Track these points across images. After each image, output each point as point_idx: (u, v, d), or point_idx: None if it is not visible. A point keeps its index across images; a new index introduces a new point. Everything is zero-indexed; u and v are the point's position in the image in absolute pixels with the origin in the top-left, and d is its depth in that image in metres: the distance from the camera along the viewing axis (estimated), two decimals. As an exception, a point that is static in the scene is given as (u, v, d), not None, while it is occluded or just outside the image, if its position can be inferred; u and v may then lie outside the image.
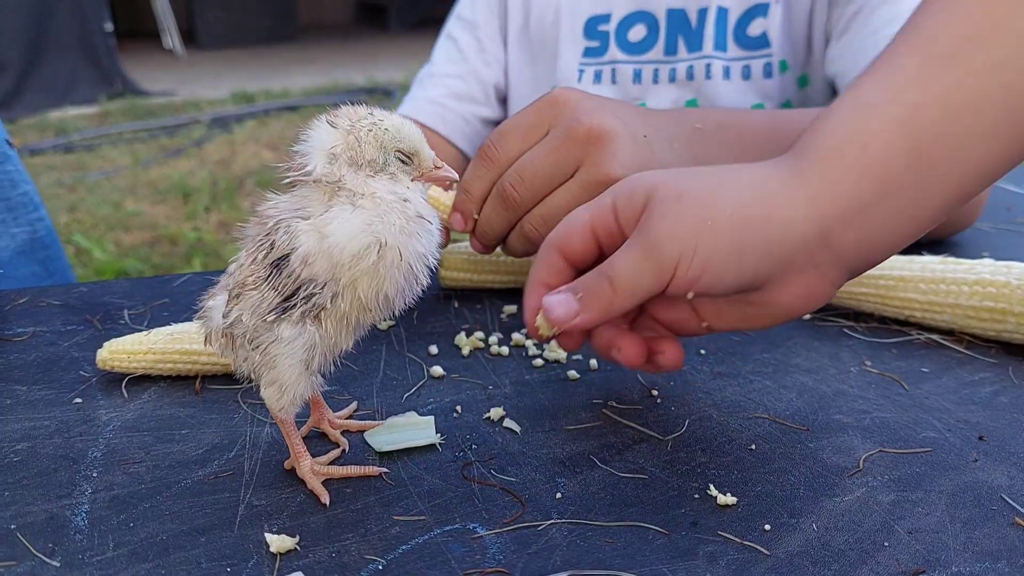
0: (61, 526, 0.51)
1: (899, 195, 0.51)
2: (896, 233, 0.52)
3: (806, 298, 0.53)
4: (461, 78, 1.20)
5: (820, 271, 0.52)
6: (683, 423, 0.62)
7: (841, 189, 0.51)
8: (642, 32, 1.13)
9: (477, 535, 0.50)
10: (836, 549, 0.48)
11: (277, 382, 0.53)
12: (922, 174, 0.50)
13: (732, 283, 0.52)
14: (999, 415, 0.62)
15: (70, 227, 3.97)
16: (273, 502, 0.53)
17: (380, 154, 0.51)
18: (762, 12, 1.08)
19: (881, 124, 0.51)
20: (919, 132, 0.51)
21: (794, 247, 0.51)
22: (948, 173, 0.51)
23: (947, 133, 0.50)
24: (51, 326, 0.78)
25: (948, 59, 0.52)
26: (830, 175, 0.51)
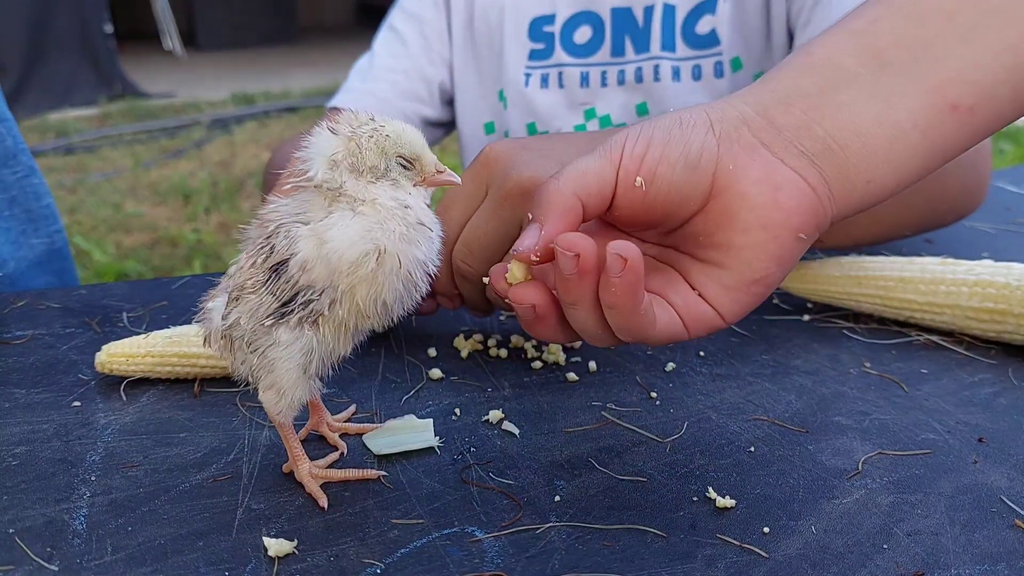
0: (59, 530, 0.51)
1: (851, 88, 0.51)
2: (861, 118, 0.50)
3: (767, 184, 0.49)
4: (405, 74, 1.17)
5: (773, 152, 0.50)
6: (682, 425, 0.62)
7: (779, 81, 0.52)
8: (588, 33, 1.10)
9: (475, 538, 0.50)
10: (835, 552, 0.48)
11: (275, 386, 0.53)
12: (881, 72, 0.51)
13: (678, 156, 0.50)
14: (999, 417, 0.62)
15: (70, 229, 3.97)
16: (271, 506, 0.53)
17: (381, 160, 0.51)
18: (710, 8, 1.05)
19: (832, 34, 0.53)
20: (875, 36, 0.52)
21: (732, 123, 0.51)
22: (921, 74, 0.51)
23: (910, 36, 0.51)
24: (50, 329, 0.78)
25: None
26: (771, 75, 0.53)
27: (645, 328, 0.49)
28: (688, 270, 0.53)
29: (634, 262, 0.46)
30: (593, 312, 0.50)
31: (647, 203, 0.51)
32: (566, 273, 0.48)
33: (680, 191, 0.50)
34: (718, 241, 0.51)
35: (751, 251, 0.50)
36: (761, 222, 0.49)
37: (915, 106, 0.51)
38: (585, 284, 0.48)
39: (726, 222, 0.50)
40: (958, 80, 0.51)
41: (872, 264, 0.77)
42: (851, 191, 0.51)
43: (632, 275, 0.46)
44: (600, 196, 0.50)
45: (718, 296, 0.51)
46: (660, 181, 0.50)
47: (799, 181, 0.50)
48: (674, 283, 0.53)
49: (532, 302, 0.50)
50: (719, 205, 0.50)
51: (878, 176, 0.51)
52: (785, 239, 0.50)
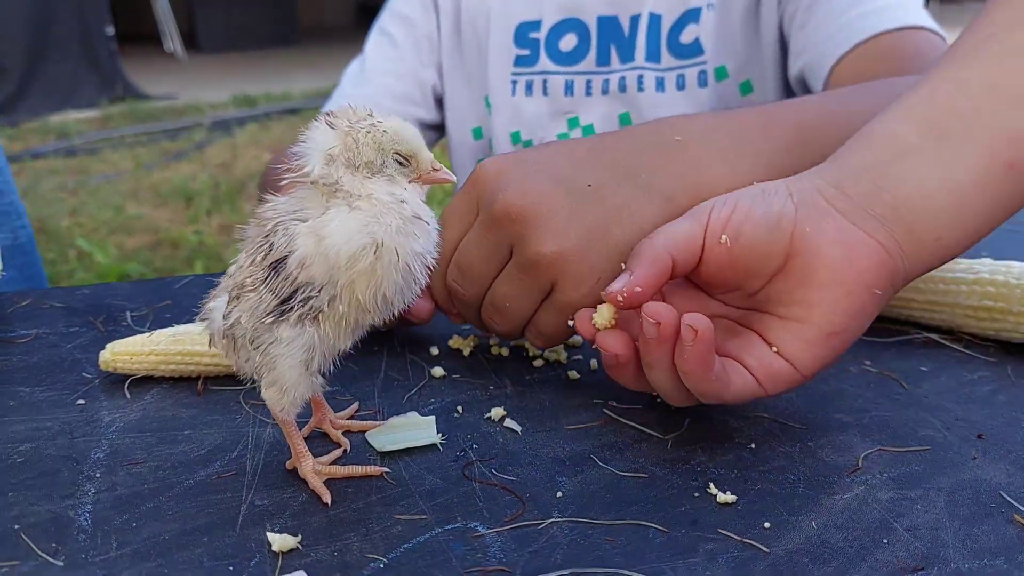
0: (64, 526, 0.51)
1: (914, 157, 0.56)
2: (926, 184, 0.55)
3: (841, 244, 0.54)
4: (398, 76, 1.16)
5: (846, 217, 0.55)
6: (683, 422, 0.62)
7: (846, 159, 0.58)
8: (573, 41, 1.09)
9: (478, 534, 0.50)
10: (835, 547, 0.48)
11: (278, 383, 0.53)
12: (939, 140, 0.56)
13: (760, 217, 0.55)
14: (998, 413, 0.62)
15: (72, 231, 3.98)
16: (275, 502, 0.53)
17: (378, 156, 0.51)
18: (694, 18, 1.04)
19: (891, 113, 0.59)
20: (930, 109, 0.57)
21: (808, 192, 0.56)
22: (976, 139, 0.55)
23: (962, 106, 0.56)
24: (54, 328, 0.79)
25: (965, 57, 0.59)
26: (837, 155, 0.59)
27: (719, 391, 0.55)
28: (769, 328, 0.57)
29: (704, 332, 0.52)
30: (670, 374, 0.55)
31: (731, 259, 0.56)
32: (647, 337, 0.53)
33: (761, 249, 0.55)
34: (797, 298, 0.55)
35: (829, 306, 0.54)
36: (838, 279, 0.54)
37: (974, 168, 0.55)
38: (663, 349, 0.54)
39: (805, 280, 0.55)
40: (1011, 140, 0.55)
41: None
42: (921, 249, 0.56)
43: (702, 345, 0.52)
44: (689, 252, 0.56)
45: (797, 351, 0.55)
46: (744, 239, 0.55)
47: (871, 241, 0.54)
48: (751, 345, 0.57)
49: (616, 351, 0.56)
50: (798, 264, 0.55)
51: (946, 234, 0.56)
52: (860, 294, 0.54)
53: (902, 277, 0.56)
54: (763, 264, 0.56)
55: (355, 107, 0.52)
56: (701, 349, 0.52)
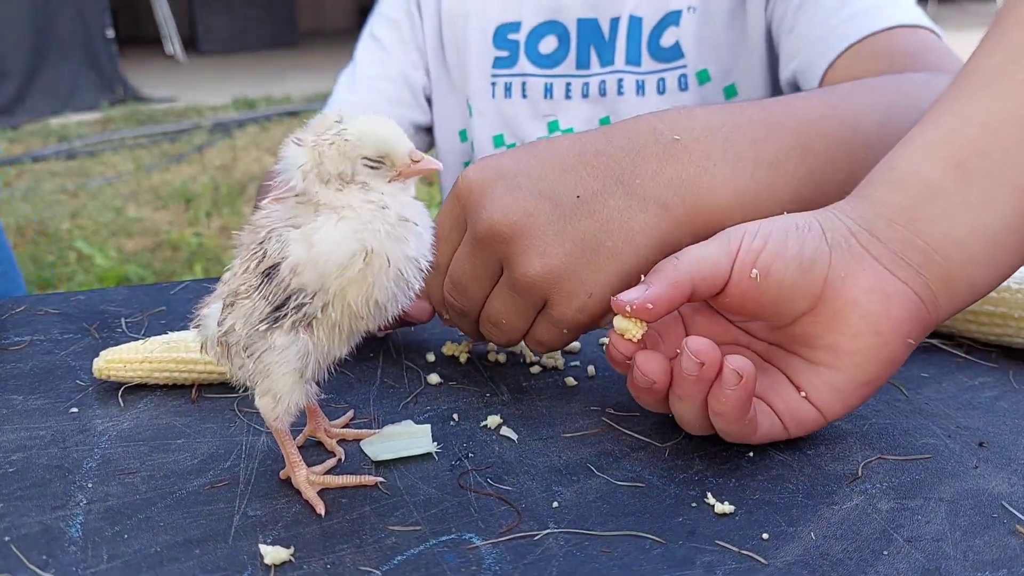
0: (55, 538, 0.50)
1: (942, 200, 0.54)
2: (957, 230, 0.54)
3: (878, 293, 0.53)
4: (390, 80, 1.16)
5: (881, 264, 0.54)
6: (681, 430, 0.61)
7: (872, 199, 0.56)
8: (553, 44, 1.08)
9: (473, 545, 0.49)
10: (835, 558, 0.48)
11: (272, 391, 0.53)
12: (969, 183, 0.54)
13: (793, 256, 0.53)
14: (1000, 421, 0.62)
15: (72, 233, 3.98)
16: (268, 512, 0.53)
17: (346, 165, 0.49)
18: (674, 21, 1.03)
19: (914, 148, 0.57)
20: (955, 147, 0.55)
21: (842, 234, 0.55)
22: (1005, 179, 0.54)
23: (988, 144, 0.55)
24: (48, 334, 0.78)
25: (984, 85, 0.57)
26: (862, 191, 0.58)
27: (746, 434, 0.55)
28: (796, 371, 0.56)
29: (748, 380, 0.51)
30: (699, 410, 0.54)
31: (758, 296, 0.55)
32: (687, 373, 0.52)
33: (791, 290, 0.54)
34: (828, 343, 0.54)
35: (863, 355, 0.54)
36: (873, 328, 0.53)
37: (1005, 210, 0.54)
38: (699, 387, 0.53)
39: (837, 326, 0.54)
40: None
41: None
42: (955, 295, 0.55)
43: (744, 392, 0.51)
44: (712, 281, 0.55)
45: (827, 397, 0.55)
46: (773, 277, 0.54)
47: (908, 291, 0.53)
48: (779, 387, 0.56)
49: (655, 378, 0.54)
50: (830, 309, 0.54)
51: (979, 279, 0.55)
52: (895, 345, 0.54)
53: (934, 323, 0.56)
54: (791, 304, 0.55)
55: (325, 117, 0.51)
56: (742, 396, 0.52)
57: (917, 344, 0.55)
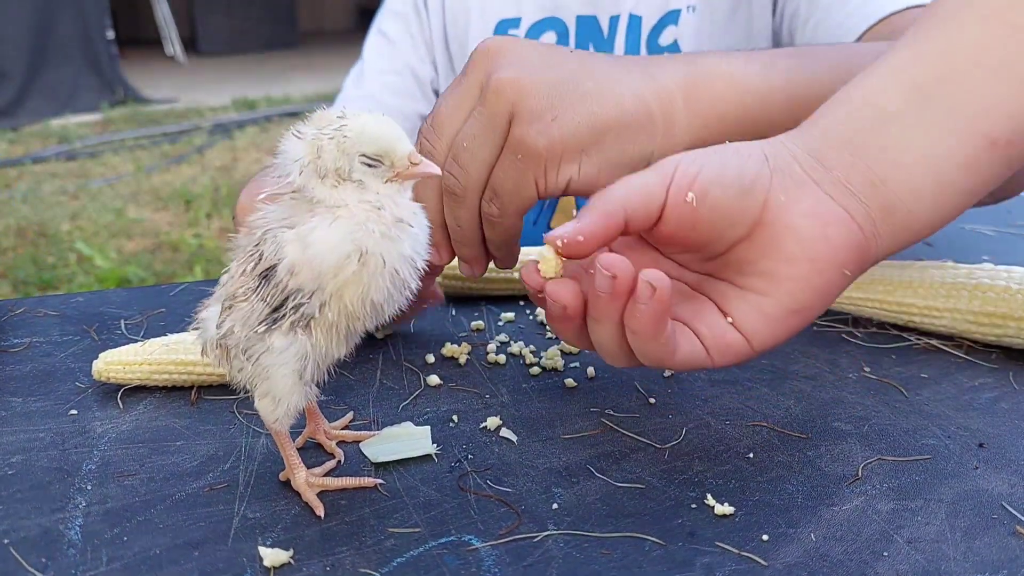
0: (54, 540, 0.50)
1: (893, 127, 0.53)
2: (905, 157, 0.52)
3: (816, 218, 0.51)
4: (397, 74, 1.16)
5: (823, 189, 0.52)
6: (681, 431, 0.61)
7: (822, 126, 0.54)
8: (552, 40, 1.09)
9: (472, 547, 0.49)
10: (835, 559, 0.48)
11: (271, 393, 0.53)
12: (925, 106, 0.53)
13: (732, 178, 0.51)
14: (999, 421, 0.62)
15: (72, 234, 3.98)
16: (268, 515, 0.53)
17: (344, 161, 0.49)
18: (673, 19, 1.04)
19: (870, 78, 0.55)
20: (916, 72, 0.54)
21: (784, 158, 0.53)
22: (958, 110, 0.52)
23: (945, 71, 0.53)
24: (47, 336, 0.78)
25: (945, 19, 0.55)
26: (813, 120, 0.55)
27: (664, 356, 0.51)
28: (725, 296, 0.54)
29: (662, 292, 0.48)
30: (615, 331, 0.52)
31: (695, 221, 0.52)
32: (599, 290, 0.50)
33: (729, 214, 0.52)
34: (761, 269, 0.52)
35: (796, 283, 0.51)
36: (808, 255, 0.51)
37: (956, 144, 0.52)
38: (614, 305, 0.50)
39: (772, 251, 0.52)
40: (994, 114, 0.52)
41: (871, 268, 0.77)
42: (896, 229, 0.53)
43: (658, 305, 0.48)
44: (646, 210, 0.52)
45: (754, 324, 0.52)
46: (711, 200, 0.51)
47: (847, 219, 0.51)
48: (704, 312, 0.54)
49: (565, 302, 0.52)
50: (766, 234, 0.52)
51: (923, 214, 0.53)
52: (830, 274, 0.51)
53: (873, 258, 0.53)
54: (728, 229, 0.52)
55: (327, 112, 0.51)
56: (656, 309, 0.48)
57: (853, 277, 0.53)
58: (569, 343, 0.56)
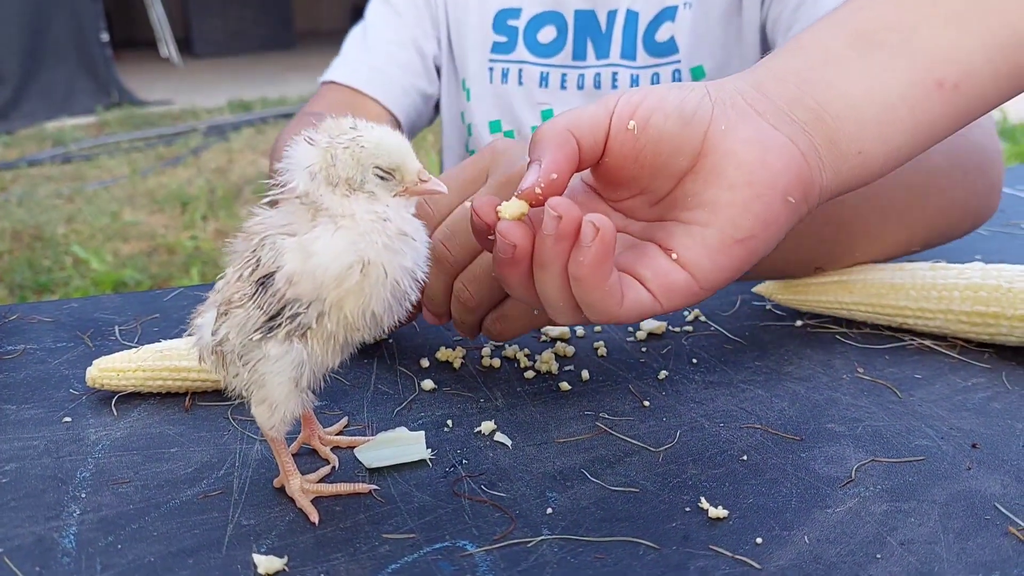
0: (48, 548, 0.50)
1: (841, 65, 0.54)
2: (851, 91, 0.53)
3: (756, 144, 0.51)
4: (400, 45, 1.15)
5: (765, 119, 0.52)
6: (674, 434, 0.62)
7: (771, 63, 0.56)
8: (551, 34, 1.09)
9: (467, 552, 0.49)
10: (828, 562, 0.48)
11: (267, 400, 0.53)
12: (870, 51, 0.54)
13: (673, 107, 0.51)
14: (992, 422, 0.62)
15: (68, 237, 3.97)
16: (262, 521, 0.53)
17: (357, 172, 0.50)
18: (670, 16, 1.04)
19: (820, 24, 0.57)
20: (863, 21, 0.55)
21: (728, 92, 0.53)
22: (907, 53, 0.54)
23: (897, 20, 0.55)
24: (41, 343, 0.78)
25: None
26: (763, 61, 0.57)
27: (610, 305, 0.50)
28: (669, 234, 0.53)
29: (606, 233, 0.47)
30: (560, 280, 0.50)
31: (637, 150, 0.52)
32: (545, 232, 0.49)
33: (671, 142, 0.51)
34: (704, 199, 0.51)
35: (736, 209, 0.50)
36: (747, 180, 0.50)
37: (903, 82, 0.53)
38: (559, 248, 0.49)
39: (713, 179, 0.51)
40: (943, 59, 0.54)
41: (861, 271, 0.77)
42: (841, 161, 0.53)
43: (602, 246, 0.47)
44: (592, 137, 0.51)
45: (698, 258, 0.51)
46: (652, 129, 0.51)
47: (789, 144, 0.51)
48: (648, 256, 0.52)
49: (515, 242, 0.50)
50: (708, 163, 0.51)
51: (868, 148, 0.53)
52: (771, 199, 0.51)
53: (818, 190, 0.53)
54: (671, 160, 0.52)
55: (339, 120, 0.51)
56: (599, 250, 0.47)
57: (799, 209, 0.52)
58: (515, 294, 0.55)
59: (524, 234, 0.50)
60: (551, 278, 0.51)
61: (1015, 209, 1.10)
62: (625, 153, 0.52)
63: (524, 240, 0.50)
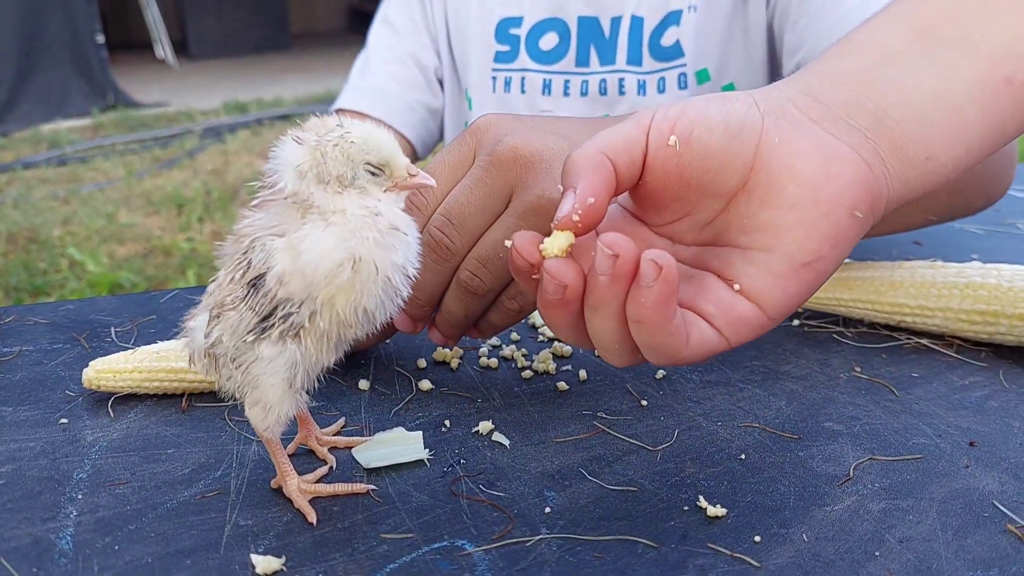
0: (46, 550, 0.50)
1: (901, 63, 0.50)
2: (914, 93, 0.49)
3: (817, 156, 0.46)
4: (402, 63, 1.17)
5: (822, 127, 0.47)
6: (673, 433, 0.62)
7: (822, 66, 0.51)
8: (553, 40, 1.09)
9: (465, 552, 0.49)
10: (827, 560, 0.48)
11: (261, 402, 0.52)
12: (931, 47, 0.50)
13: (717, 120, 0.47)
14: (990, 420, 0.62)
15: (63, 240, 3.96)
16: (260, 522, 0.53)
17: (348, 168, 0.50)
18: (675, 20, 1.04)
19: (874, 21, 0.53)
20: (920, 15, 0.51)
21: (777, 101, 0.48)
22: (972, 48, 0.50)
23: (955, 13, 0.51)
24: (37, 345, 0.78)
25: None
26: (812, 64, 0.52)
27: (676, 347, 0.46)
28: (728, 263, 0.48)
29: (669, 272, 0.43)
30: (615, 322, 0.46)
31: (680, 168, 0.47)
32: (599, 272, 0.44)
33: (718, 158, 0.47)
34: (763, 221, 0.47)
35: (802, 230, 0.46)
36: (812, 196, 0.46)
37: (969, 79, 0.49)
38: (616, 289, 0.45)
39: (772, 198, 0.46)
40: (1009, 53, 0.49)
41: (861, 269, 0.77)
42: (909, 169, 0.49)
43: (665, 286, 0.43)
44: (629, 156, 0.47)
45: (763, 286, 0.46)
46: (696, 144, 0.47)
47: (852, 154, 0.47)
48: (708, 289, 0.48)
49: (566, 282, 0.46)
50: (763, 181, 0.46)
51: (937, 152, 0.49)
52: (839, 215, 0.46)
53: (885, 200, 0.48)
54: (719, 178, 0.47)
55: (324, 119, 0.51)
56: (663, 291, 0.43)
57: (866, 223, 0.48)
58: (563, 337, 0.50)
59: (575, 273, 0.46)
60: (605, 321, 0.46)
61: (1011, 208, 1.10)
62: (668, 172, 0.48)
63: (576, 279, 0.46)
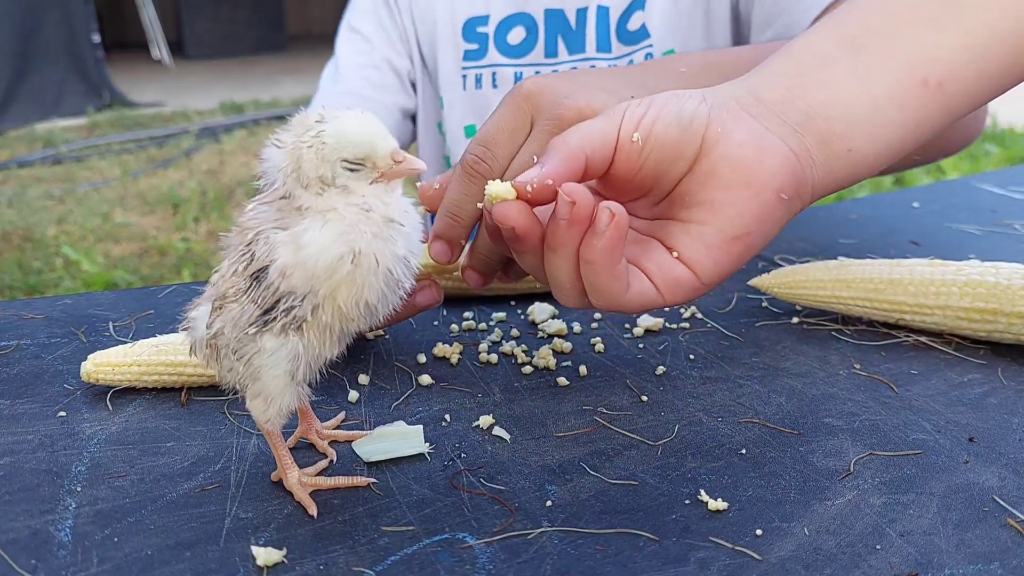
0: (44, 542, 0.50)
1: (830, 68, 0.57)
2: (841, 93, 0.56)
3: (751, 146, 0.53)
4: (375, 68, 1.17)
5: (760, 122, 0.54)
6: (673, 428, 0.62)
7: (762, 68, 0.59)
8: (521, 34, 1.10)
9: (467, 545, 0.49)
10: (828, 553, 0.48)
11: (262, 394, 0.52)
12: (857, 53, 0.57)
13: (672, 116, 0.53)
14: (989, 416, 0.62)
15: (59, 239, 3.95)
16: (260, 514, 0.52)
17: (326, 169, 0.48)
18: (640, 5, 1.05)
19: (809, 32, 0.60)
20: (849, 26, 0.59)
21: (722, 98, 0.55)
22: (892, 55, 0.57)
23: (881, 24, 0.58)
24: (35, 339, 0.78)
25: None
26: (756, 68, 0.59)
27: (617, 291, 0.52)
28: (670, 233, 0.55)
29: (620, 219, 0.50)
30: (570, 262, 0.53)
31: (642, 160, 0.54)
32: (559, 217, 0.50)
33: (672, 148, 0.54)
34: (701, 199, 0.54)
35: (733, 208, 0.53)
36: (743, 180, 0.53)
37: (890, 82, 0.56)
38: (572, 233, 0.51)
39: (710, 180, 0.53)
40: (926, 59, 0.56)
41: (860, 267, 0.78)
42: (833, 159, 0.55)
43: (616, 231, 0.50)
44: (602, 151, 0.54)
45: (697, 255, 0.54)
46: (654, 139, 0.53)
47: (781, 145, 0.54)
48: (651, 251, 0.55)
49: (513, 223, 0.52)
50: (705, 165, 0.54)
51: (859, 146, 0.56)
52: (767, 197, 0.53)
53: (811, 186, 0.55)
54: (672, 165, 0.54)
55: (305, 117, 0.50)
56: (613, 236, 0.50)
57: (793, 205, 0.55)
58: (527, 268, 0.57)
59: (525, 216, 0.52)
60: (562, 261, 0.53)
61: (1007, 209, 1.11)
62: (631, 163, 0.54)
63: (525, 222, 0.52)
